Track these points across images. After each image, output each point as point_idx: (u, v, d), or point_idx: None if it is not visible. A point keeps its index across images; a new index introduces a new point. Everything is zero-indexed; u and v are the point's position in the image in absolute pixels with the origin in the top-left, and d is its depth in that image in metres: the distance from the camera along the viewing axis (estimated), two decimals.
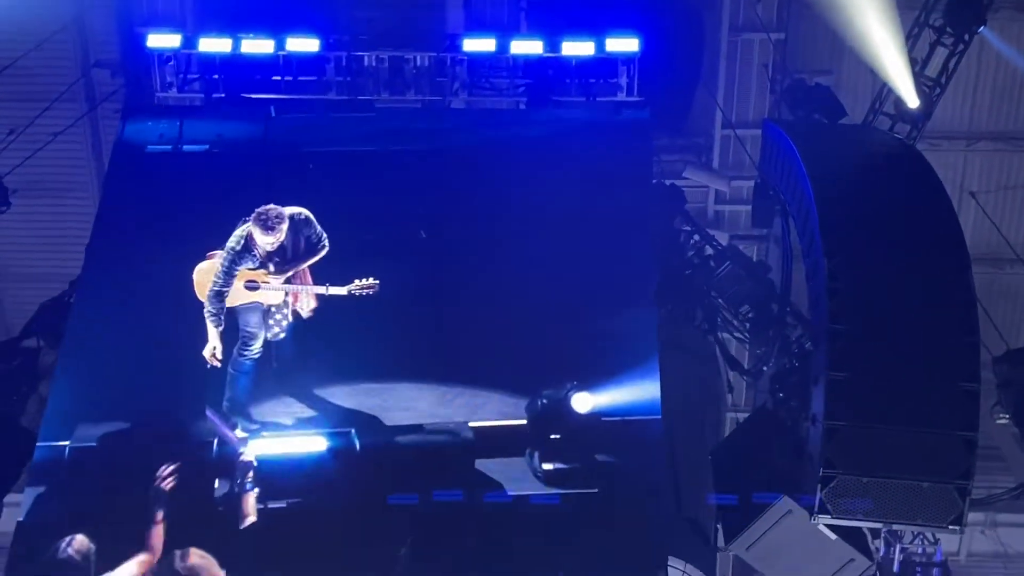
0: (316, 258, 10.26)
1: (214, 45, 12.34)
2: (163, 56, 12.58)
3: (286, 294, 10.24)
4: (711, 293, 12.64)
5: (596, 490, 9.65)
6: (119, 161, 11.79)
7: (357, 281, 10.12)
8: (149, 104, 12.59)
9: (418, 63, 12.45)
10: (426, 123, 12.27)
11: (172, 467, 9.67)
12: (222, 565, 9.31)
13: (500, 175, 11.42)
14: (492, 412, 10.04)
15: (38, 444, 9.93)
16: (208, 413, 10.02)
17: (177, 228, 10.96)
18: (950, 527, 8.93)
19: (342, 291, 10.13)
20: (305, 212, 10.18)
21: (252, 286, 10.16)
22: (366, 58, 12.41)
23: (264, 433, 10.01)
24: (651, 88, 12.43)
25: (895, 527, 10.15)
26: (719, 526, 11.83)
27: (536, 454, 9.85)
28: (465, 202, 11.20)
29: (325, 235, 10.23)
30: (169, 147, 11.37)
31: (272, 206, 10.02)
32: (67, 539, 9.50)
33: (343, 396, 10.15)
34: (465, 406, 10.09)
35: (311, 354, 10.36)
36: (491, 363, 10.26)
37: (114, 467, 9.78)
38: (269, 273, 10.18)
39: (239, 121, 11.93)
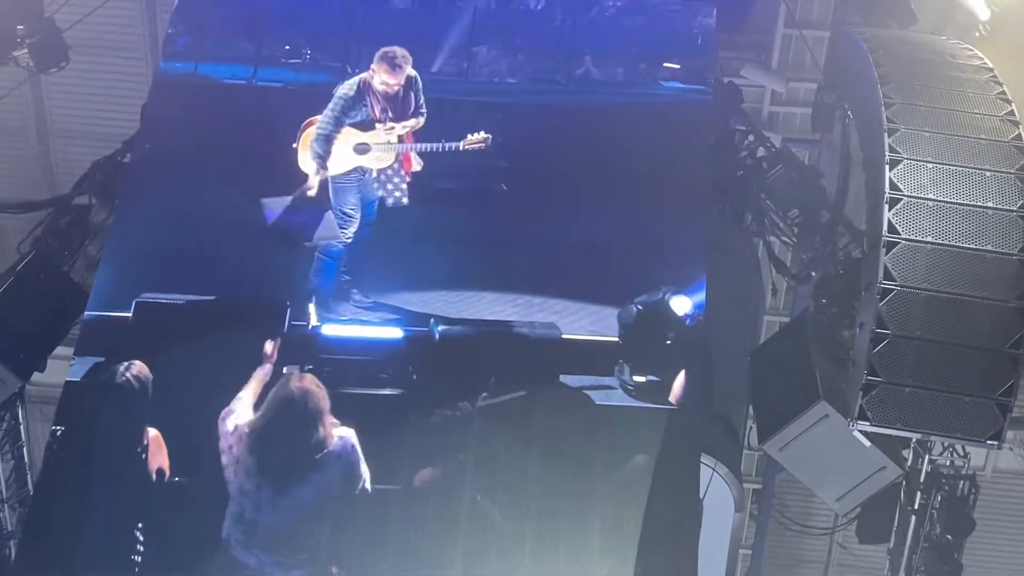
0: (418, 123, 10.30)
1: None
2: None
3: (397, 156, 10.17)
4: (761, 195, 12.55)
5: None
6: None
7: (470, 136, 10.10)
8: None
9: None
10: None
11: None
12: None
13: None
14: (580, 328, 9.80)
15: (93, 313, 9.93)
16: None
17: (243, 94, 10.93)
18: (988, 442, 8.97)
19: (457, 145, 10.14)
20: (416, 74, 10.32)
21: (362, 149, 10.09)
22: None
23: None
24: None
25: (932, 439, 10.19)
26: (752, 425, 11.97)
27: (627, 366, 9.54)
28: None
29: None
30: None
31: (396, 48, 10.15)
32: (125, 364, 9.52)
33: (421, 301, 10.00)
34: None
35: (390, 258, 10.24)
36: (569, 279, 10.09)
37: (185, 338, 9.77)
38: (379, 129, 10.15)
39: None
